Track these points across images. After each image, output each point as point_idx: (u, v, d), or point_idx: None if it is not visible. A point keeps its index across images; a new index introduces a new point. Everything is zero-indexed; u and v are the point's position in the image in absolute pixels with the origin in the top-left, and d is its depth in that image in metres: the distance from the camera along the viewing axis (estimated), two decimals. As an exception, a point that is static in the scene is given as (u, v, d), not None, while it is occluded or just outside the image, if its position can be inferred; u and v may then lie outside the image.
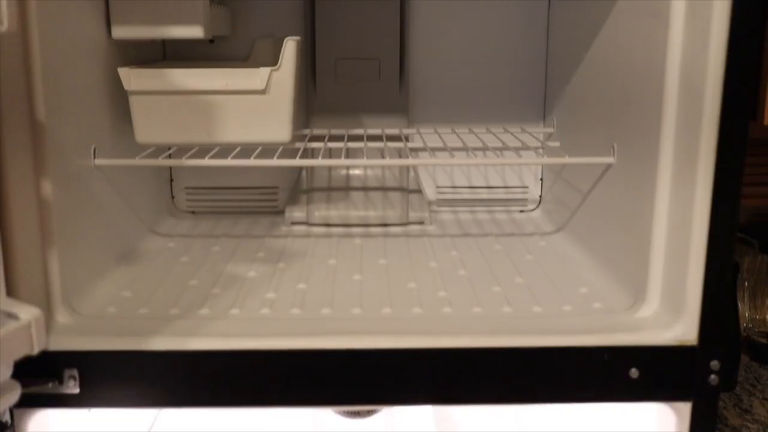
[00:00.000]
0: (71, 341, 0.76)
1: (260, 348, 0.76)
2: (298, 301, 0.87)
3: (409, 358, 0.77)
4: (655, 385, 0.79)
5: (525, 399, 0.81)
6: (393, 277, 0.96)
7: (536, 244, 1.11)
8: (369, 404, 0.82)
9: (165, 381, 0.77)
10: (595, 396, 0.80)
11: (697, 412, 0.80)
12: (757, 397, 1.16)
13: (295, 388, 0.77)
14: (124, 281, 0.92)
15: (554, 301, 0.88)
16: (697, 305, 0.78)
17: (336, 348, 0.77)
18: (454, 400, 0.80)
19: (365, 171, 1.20)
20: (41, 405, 0.76)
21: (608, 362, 0.78)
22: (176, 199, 1.23)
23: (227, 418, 1.36)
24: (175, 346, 0.76)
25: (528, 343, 0.78)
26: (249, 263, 1.00)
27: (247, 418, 1.36)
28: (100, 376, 0.76)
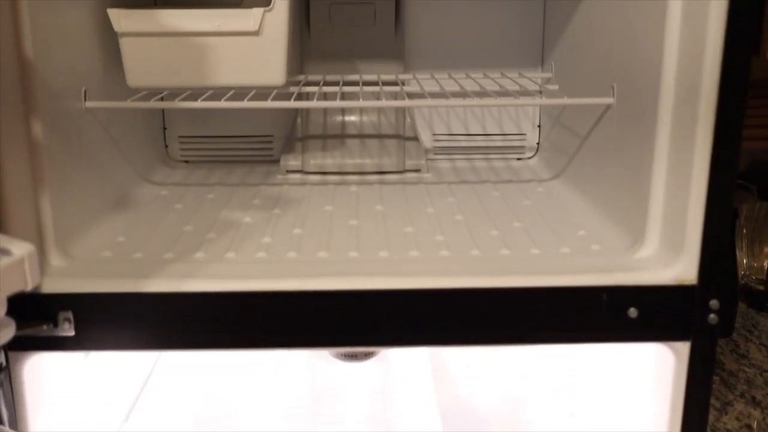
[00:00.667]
0: (65, 284, 0.75)
1: (256, 290, 0.76)
2: (294, 245, 0.86)
3: (407, 300, 0.77)
4: (654, 325, 0.79)
5: (523, 340, 0.81)
6: (389, 222, 0.95)
7: (534, 190, 1.10)
8: (366, 346, 0.81)
9: (160, 323, 0.76)
10: (594, 336, 0.80)
11: (696, 352, 0.80)
12: (754, 343, 1.17)
13: (291, 329, 0.77)
14: (118, 227, 0.91)
15: (552, 244, 0.87)
16: (697, 245, 0.77)
17: (333, 289, 0.76)
18: (451, 341, 0.79)
19: (361, 118, 1.19)
20: (36, 348, 0.76)
21: (607, 302, 0.78)
22: (170, 148, 1.22)
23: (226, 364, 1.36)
24: (171, 288, 0.75)
25: (526, 283, 0.78)
26: (244, 210, 0.99)
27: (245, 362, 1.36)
28: (95, 319, 0.75)
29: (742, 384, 1.04)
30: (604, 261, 0.82)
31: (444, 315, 0.77)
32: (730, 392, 1.02)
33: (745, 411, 0.97)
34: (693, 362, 0.80)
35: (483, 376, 1.44)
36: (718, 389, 1.02)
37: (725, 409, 0.98)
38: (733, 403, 0.99)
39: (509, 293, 0.77)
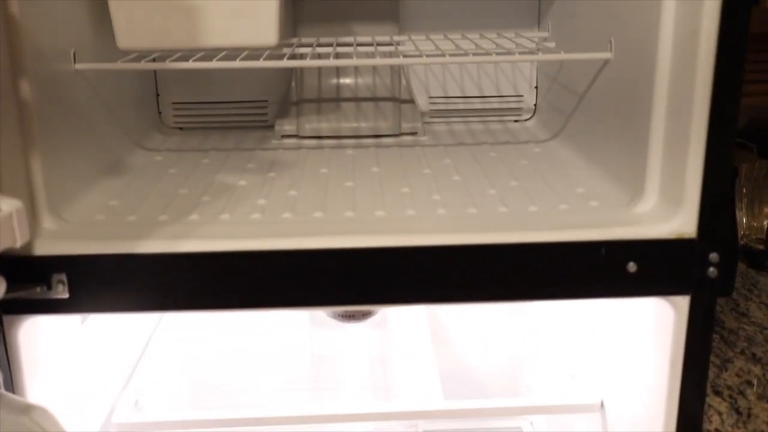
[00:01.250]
0: (58, 246, 0.74)
1: (252, 249, 0.75)
2: (289, 206, 0.86)
3: (404, 257, 0.76)
4: (653, 279, 0.78)
5: (522, 296, 0.80)
6: (386, 183, 0.94)
7: (531, 151, 1.09)
8: (364, 305, 0.81)
9: (155, 284, 0.75)
10: (593, 291, 0.79)
11: (696, 306, 0.79)
12: (754, 302, 1.16)
13: (288, 289, 0.76)
14: (111, 191, 0.90)
15: (550, 201, 0.86)
16: (696, 198, 0.76)
17: (329, 247, 0.75)
18: (450, 298, 0.79)
19: (356, 80, 1.17)
20: (31, 311, 0.75)
21: (606, 256, 0.77)
22: (163, 115, 1.21)
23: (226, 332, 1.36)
24: (165, 249, 0.75)
25: (524, 239, 0.77)
26: (239, 173, 0.98)
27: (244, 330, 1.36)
28: (89, 281, 0.74)
29: (742, 341, 1.04)
30: (603, 216, 0.81)
31: (442, 272, 0.77)
32: (730, 349, 1.01)
33: (746, 367, 0.97)
34: (693, 317, 0.80)
35: (482, 340, 1.44)
36: (718, 347, 1.02)
37: (725, 366, 0.98)
38: (733, 360, 0.99)
39: (507, 249, 0.77)
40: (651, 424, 0.87)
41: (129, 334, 1.14)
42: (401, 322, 1.28)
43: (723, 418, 0.87)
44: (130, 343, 1.14)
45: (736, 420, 0.87)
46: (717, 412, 0.88)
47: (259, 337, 1.39)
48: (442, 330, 1.41)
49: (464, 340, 1.44)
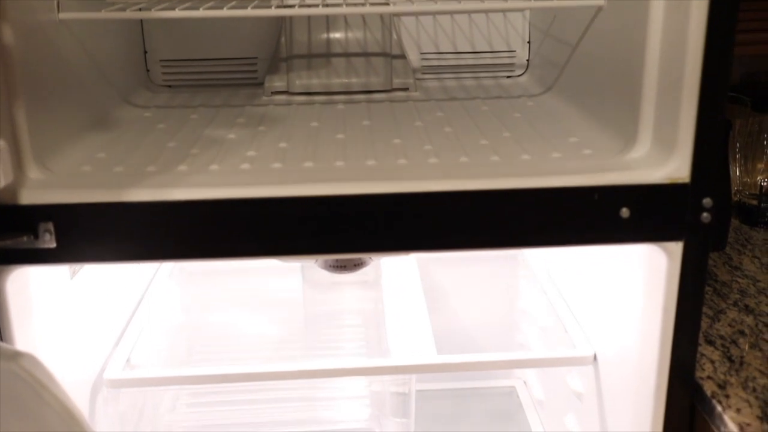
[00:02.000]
0: (44, 195, 0.73)
1: (241, 197, 0.74)
2: (279, 157, 0.85)
3: (396, 204, 0.75)
4: (647, 225, 0.78)
5: (515, 243, 0.80)
6: (377, 135, 0.93)
7: (524, 104, 1.08)
8: (354, 252, 0.80)
9: (143, 234, 0.75)
10: (586, 238, 0.79)
11: (689, 252, 0.79)
12: (747, 255, 1.16)
13: (278, 237, 0.76)
14: (98, 144, 0.89)
15: (543, 150, 0.86)
16: (690, 142, 0.75)
17: (319, 194, 0.75)
18: (441, 245, 0.78)
19: (346, 34, 1.16)
20: (18, 261, 0.74)
21: (598, 202, 0.77)
22: (151, 72, 1.19)
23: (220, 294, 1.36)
24: (153, 197, 0.74)
25: (516, 185, 0.76)
26: (228, 128, 0.97)
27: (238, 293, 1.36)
28: (77, 230, 0.74)
29: (735, 293, 1.04)
30: (596, 163, 0.80)
31: (433, 219, 0.76)
32: (722, 301, 1.01)
33: (738, 318, 0.97)
34: (686, 263, 0.79)
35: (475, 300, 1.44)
36: (710, 299, 1.02)
37: (718, 317, 0.97)
38: (725, 311, 0.99)
39: (500, 195, 0.76)
40: (644, 374, 0.87)
41: (121, 292, 1.13)
42: (394, 283, 1.28)
43: (716, 365, 0.87)
44: (121, 301, 1.14)
45: (729, 367, 0.86)
46: (709, 360, 0.88)
47: (251, 299, 1.38)
48: (435, 291, 1.40)
49: (457, 301, 1.44)
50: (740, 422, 0.78)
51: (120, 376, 0.98)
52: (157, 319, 1.19)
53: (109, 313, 1.08)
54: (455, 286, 1.43)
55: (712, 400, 0.82)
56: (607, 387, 1.01)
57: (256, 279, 1.37)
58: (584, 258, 1.06)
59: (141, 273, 1.24)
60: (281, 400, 1.10)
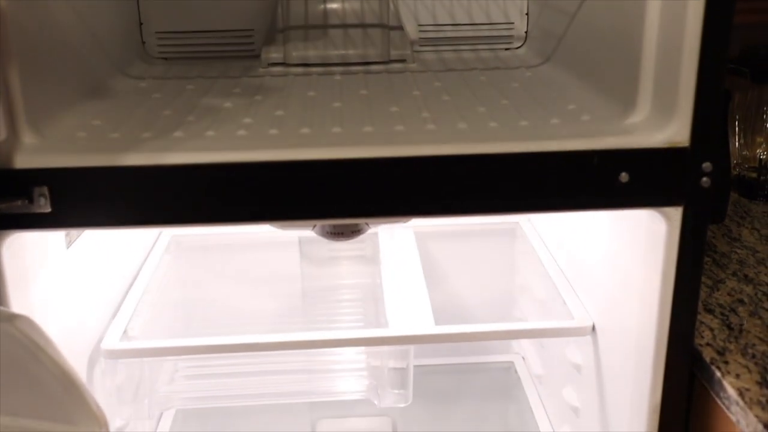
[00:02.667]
0: (39, 159, 0.73)
1: (237, 161, 0.74)
2: (276, 124, 0.84)
3: (393, 168, 0.75)
4: (646, 190, 0.77)
5: (513, 208, 0.79)
6: (374, 103, 0.92)
7: (522, 75, 1.07)
8: (351, 218, 0.79)
9: (138, 198, 0.74)
10: (585, 203, 0.78)
11: (689, 217, 0.78)
12: (746, 228, 1.16)
13: (275, 202, 0.75)
14: (93, 112, 0.88)
15: (541, 116, 0.85)
16: (689, 106, 0.75)
17: (316, 158, 0.74)
18: (439, 210, 0.78)
19: (343, 5, 1.15)
20: (13, 226, 0.74)
21: (597, 166, 0.76)
22: (147, 44, 1.18)
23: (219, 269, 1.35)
24: (149, 161, 0.73)
25: (515, 149, 0.76)
26: (225, 97, 0.96)
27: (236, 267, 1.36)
28: (72, 195, 0.73)
29: (734, 264, 1.03)
30: (595, 128, 0.80)
31: (430, 183, 0.76)
32: (722, 271, 1.01)
33: (737, 287, 0.97)
34: (685, 228, 0.79)
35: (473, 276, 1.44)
36: (709, 269, 1.02)
37: (717, 287, 0.97)
38: (725, 280, 0.99)
39: (498, 159, 0.75)
40: (643, 342, 0.86)
41: (117, 265, 1.13)
42: (392, 257, 1.27)
43: (715, 333, 0.87)
44: (118, 274, 1.13)
45: (728, 335, 0.86)
46: (708, 328, 0.88)
47: (248, 274, 1.38)
48: (433, 267, 1.40)
49: (455, 277, 1.44)
50: (739, 387, 0.78)
51: (117, 347, 0.98)
52: (154, 293, 1.19)
53: (105, 286, 1.07)
54: (453, 262, 1.43)
55: (711, 366, 0.82)
56: (605, 358, 1.01)
57: (253, 254, 1.37)
58: (583, 229, 1.05)
59: (137, 247, 1.24)
60: (279, 372, 1.09)
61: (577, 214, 1.07)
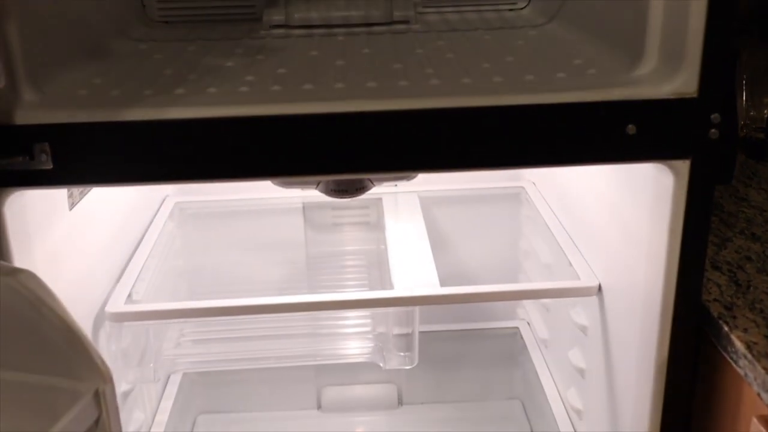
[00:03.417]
0: (40, 115, 0.72)
1: (240, 115, 0.73)
2: (278, 81, 0.83)
3: (397, 122, 0.74)
4: (653, 142, 0.76)
5: (519, 161, 0.78)
6: (378, 61, 0.91)
7: (527, 33, 1.06)
8: (354, 173, 0.78)
9: (141, 154, 0.73)
10: (592, 156, 0.77)
11: (697, 170, 0.77)
12: (754, 188, 1.15)
13: (279, 157, 0.74)
14: (93, 71, 0.87)
15: (547, 71, 0.84)
16: (698, 55, 0.74)
17: (320, 112, 0.73)
18: (444, 165, 0.77)
19: (345, -35, 1.13)
20: (14, 184, 0.73)
21: (604, 118, 0.75)
22: (147, 8, 1.16)
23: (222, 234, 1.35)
24: (151, 116, 0.72)
25: (520, 101, 0.75)
26: (226, 57, 0.95)
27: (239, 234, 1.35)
28: (74, 151, 0.72)
29: (742, 222, 1.02)
30: (602, 80, 0.79)
31: (436, 137, 0.75)
32: (729, 230, 1.00)
33: (745, 245, 0.96)
34: (693, 181, 0.78)
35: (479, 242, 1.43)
36: (717, 228, 1.01)
37: (724, 245, 0.96)
38: (732, 239, 0.98)
39: (504, 112, 0.74)
40: (650, 299, 0.86)
41: (120, 230, 1.12)
42: (397, 223, 1.27)
43: (722, 289, 0.86)
44: (121, 239, 1.13)
45: (736, 291, 0.86)
46: (716, 284, 0.87)
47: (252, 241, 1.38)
48: (437, 233, 1.40)
49: (460, 243, 1.43)
50: (747, 341, 0.77)
51: (122, 310, 0.97)
52: (158, 259, 1.18)
53: (108, 250, 1.07)
54: (458, 228, 1.42)
55: (718, 321, 0.81)
56: (612, 318, 1.01)
57: (256, 221, 1.37)
58: (589, 188, 1.04)
59: (140, 213, 1.23)
60: (285, 336, 1.09)
61: (583, 172, 1.06)
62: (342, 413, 1.49)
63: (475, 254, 1.43)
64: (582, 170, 1.08)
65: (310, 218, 1.38)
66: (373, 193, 1.34)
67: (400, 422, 1.48)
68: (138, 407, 1.17)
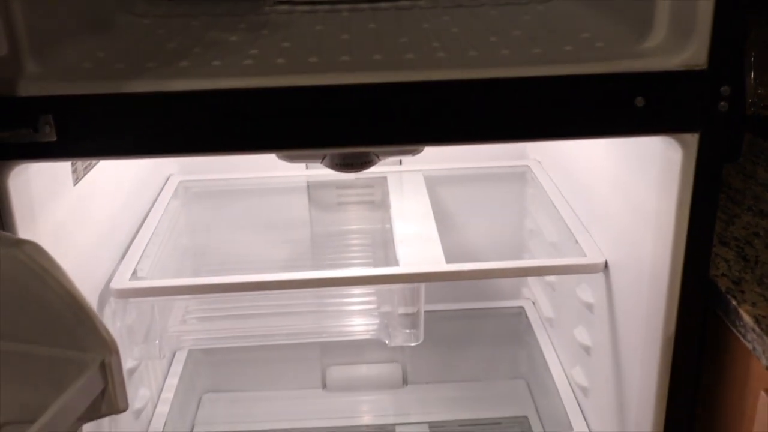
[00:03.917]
0: (43, 87, 0.71)
1: (245, 86, 0.72)
2: (283, 54, 0.82)
3: (403, 95, 0.73)
4: (662, 115, 0.76)
5: (527, 135, 0.78)
6: (383, 35, 0.90)
7: (534, 9, 1.04)
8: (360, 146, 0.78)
9: (145, 126, 0.73)
10: (601, 128, 0.77)
11: (705, 144, 0.77)
12: (761, 165, 1.14)
13: (283, 130, 0.74)
14: (97, 45, 0.86)
15: (555, 44, 0.83)
16: (708, 26, 0.73)
17: (325, 84, 0.73)
18: (451, 138, 0.76)
19: (349, -60, 1.12)
20: (19, 157, 0.73)
21: (612, 91, 0.74)
22: (150, -16, 1.16)
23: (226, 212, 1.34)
24: (155, 88, 0.72)
25: (527, 73, 0.74)
26: (230, 32, 0.94)
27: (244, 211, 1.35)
28: (78, 123, 0.72)
29: (749, 199, 1.02)
30: (610, 52, 0.78)
31: (442, 110, 0.74)
32: (736, 206, 1.00)
33: (753, 221, 0.96)
34: (702, 155, 0.77)
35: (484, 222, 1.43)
36: (724, 204, 1.00)
37: (732, 221, 0.96)
38: (740, 215, 0.97)
39: (511, 84, 0.74)
40: (657, 274, 0.85)
41: (125, 206, 1.12)
42: (402, 202, 1.26)
43: (730, 264, 0.86)
44: (126, 216, 1.13)
45: (744, 266, 0.85)
46: (724, 259, 0.87)
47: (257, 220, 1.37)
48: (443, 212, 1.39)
49: (466, 222, 1.43)
50: (756, 315, 0.77)
51: (127, 286, 0.97)
52: (162, 237, 1.18)
53: (113, 227, 1.06)
54: (463, 207, 1.42)
55: (727, 295, 0.81)
56: (618, 294, 1.00)
57: (261, 200, 1.36)
58: (595, 164, 1.04)
59: (145, 191, 1.23)
60: (290, 314, 1.09)
61: (589, 148, 1.06)
62: (347, 392, 1.50)
63: (480, 234, 1.43)
64: (588, 146, 1.07)
65: (314, 197, 1.38)
66: (377, 172, 1.35)
67: (404, 401, 1.48)
68: (144, 384, 1.17)
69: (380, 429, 1.43)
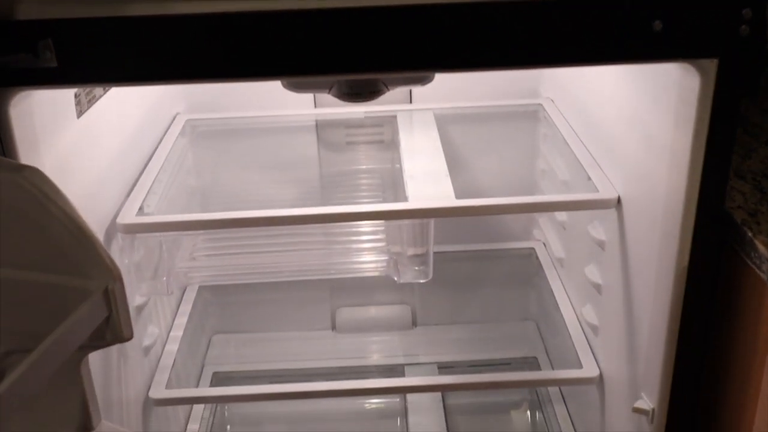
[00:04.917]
0: (42, 9, 0.69)
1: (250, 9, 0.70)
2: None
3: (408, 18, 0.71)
4: (680, 39, 0.73)
5: (540, 60, 0.75)
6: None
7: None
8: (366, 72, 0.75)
9: (147, 52, 0.71)
10: (618, 53, 0.74)
11: (725, 70, 0.74)
12: (780, 100, 1.11)
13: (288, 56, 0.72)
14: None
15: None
16: (730, -55, 0.70)
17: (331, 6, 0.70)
18: (458, 65, 0.74)
19: None
20: (19, 83, 0.71)
21: (630, 13, 0.71)
22: None
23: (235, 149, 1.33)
24: (157, 11, 0.69)
25: (541, -5, 0.71)
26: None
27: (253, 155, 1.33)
28: (78, 48, 0.70)
29: (767, 133, 0.99)
30: (626, -26, 0.75)
31: (450, 35, 0.72)
32: (753, 140, 0.97)
33: (770, 155, 0.93)
34: (720, 82, 0.75)
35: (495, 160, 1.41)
36: (741, 138, 0.98)
37: (749, 155, 0.94)
38: (757, 149, 0.95)
39: (524, 6, 0.71)
40: (672, 207, 0.84)
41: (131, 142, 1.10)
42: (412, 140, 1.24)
43: (746, 197, 0.84)
44: (132, 152, 1.11)
45: (760, 198, 0.83)
46: (740, 192, 0.85)
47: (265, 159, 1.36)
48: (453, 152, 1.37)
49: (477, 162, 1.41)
50: (772, 246, 0.75)
51: (134, 221, 0.96)
52: (169, 175, 1.17)
53: (118, 163, 1.05)
54: (474, 146, 1.39)
55: (742, 227, 0.79)
56: (631, 230, 0.99)
57: (269, 139, 1.34)
58: (609, 95, 1.01)
59: (151, 128, 1.21)
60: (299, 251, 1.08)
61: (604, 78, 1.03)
62: (356, 333, 1.50)
63: (491, 173, 1.41)
64: (603, 80, 1.05)
65: (323, 136, 1.36)
66: (387, 110, 1.32)
67: (414, 343, 1.48)
68: (152, 322, 1.17)
69: (389, 369, 1.43)
